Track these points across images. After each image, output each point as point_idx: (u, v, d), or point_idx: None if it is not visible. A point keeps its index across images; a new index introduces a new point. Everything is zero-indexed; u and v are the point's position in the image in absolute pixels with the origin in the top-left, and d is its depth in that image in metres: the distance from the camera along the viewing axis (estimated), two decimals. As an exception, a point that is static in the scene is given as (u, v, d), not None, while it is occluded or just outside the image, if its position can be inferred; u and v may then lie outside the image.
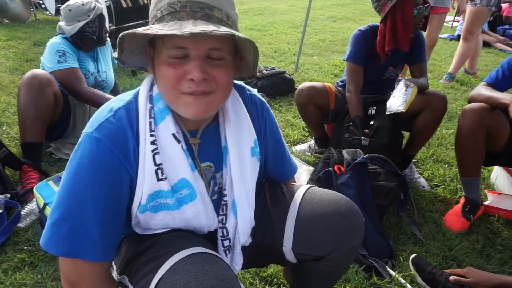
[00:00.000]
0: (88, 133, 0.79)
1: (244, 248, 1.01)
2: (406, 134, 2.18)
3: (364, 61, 2.11)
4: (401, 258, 1.62)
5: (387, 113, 1.90)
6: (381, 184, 1.74)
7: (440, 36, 5.85)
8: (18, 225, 1.64)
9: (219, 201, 0.96)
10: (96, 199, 0.77)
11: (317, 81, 2.24)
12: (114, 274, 0.92)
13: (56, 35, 2.20)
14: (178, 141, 0.83)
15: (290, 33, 5.86)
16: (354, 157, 1.80)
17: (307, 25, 4.14)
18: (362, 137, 1.99)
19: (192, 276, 0.72)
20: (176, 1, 0.74)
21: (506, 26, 5.90)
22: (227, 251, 0.97)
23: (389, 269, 1.55)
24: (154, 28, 0.72)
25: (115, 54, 0.81)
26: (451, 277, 1.40)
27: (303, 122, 2.78)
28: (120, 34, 0.74)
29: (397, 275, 1.51)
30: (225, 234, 0.95)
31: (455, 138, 1.80)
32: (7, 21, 5.16)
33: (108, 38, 2.40)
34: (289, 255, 1.00)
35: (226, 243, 0.96)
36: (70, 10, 2.12)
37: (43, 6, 5.40)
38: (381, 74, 2.19)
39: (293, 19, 7.01)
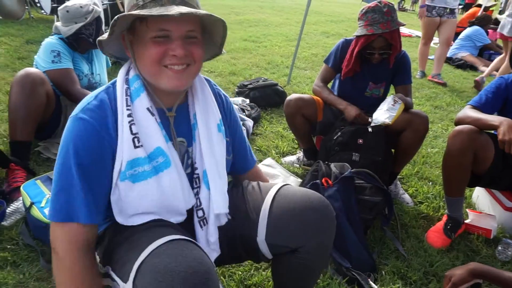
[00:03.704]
0: (74, 115, 0.91)
1: (221, 236, 1.07)
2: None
3: (336, 66, 2.23)
4: (383, 272, 1.65)
5: (372, 124, 1.97)
6: (367, 198, 1.78)
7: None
8: (2, 223, 1.62)
9: (192, 175, 1.06)
10: (80, 164, 0.88)
11: (308, 95, 2.28)
12: (98, 264, 0.97)
13: (52, 35, 2.21)
14: (152, 114, 0.95)
15: (284, 46, 5.95)
16: (341, 170, 1.84)
17: (301, 39, 4.22)
18: (353, 153, 2.02)
19: (172, 258, 0.80)
20: None
21: (492, 51, 6.10)
22: (201, 222, 1.05)
23: (371, 282, 1.58)
24: (144, 12, 0.84)
25: (105, 35, 0.92)
26: None
27: (292, 134, 2.82)
28: (116, 17, 0.85)
29: (378, 289, 1.54)
30: (199, 204, 1.04)
31: (443, 159, 1.83)
32: (0, 17, 5.12)
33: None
34: (263, 246, 1.06)
35: (200, 213, 1.05)
36: (67, 11, 2.13)
37: (38, 4, 5.39)
38: (362, 89, 2.23)
39: (287, 32, 7.12)
